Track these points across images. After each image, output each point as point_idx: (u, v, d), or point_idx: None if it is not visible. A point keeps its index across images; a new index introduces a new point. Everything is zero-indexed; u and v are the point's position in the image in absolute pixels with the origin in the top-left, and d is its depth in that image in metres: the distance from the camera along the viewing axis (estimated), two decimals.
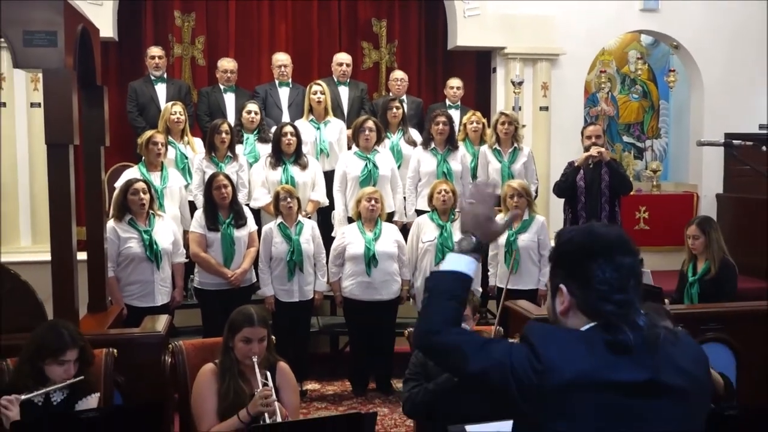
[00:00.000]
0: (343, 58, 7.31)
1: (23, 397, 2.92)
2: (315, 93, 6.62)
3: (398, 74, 7.38)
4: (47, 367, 3.03)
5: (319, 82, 6.81)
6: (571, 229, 1.93)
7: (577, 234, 1.87)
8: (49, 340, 3.05)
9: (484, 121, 6.89)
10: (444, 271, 1.98)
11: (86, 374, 3.12)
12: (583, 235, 1.85)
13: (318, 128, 6.66)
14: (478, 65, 8.63)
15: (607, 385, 1.68)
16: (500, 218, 5.62)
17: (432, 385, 3.38)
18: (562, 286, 1.84)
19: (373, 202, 5.47)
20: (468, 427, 2.89)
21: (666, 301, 5.04)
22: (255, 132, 6.61)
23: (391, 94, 7.33)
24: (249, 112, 6.57)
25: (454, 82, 7.41)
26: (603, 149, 6.21)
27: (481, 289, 5.63)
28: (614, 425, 1.69)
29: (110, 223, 5.04)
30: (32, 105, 7.19)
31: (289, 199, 5.40)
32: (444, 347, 1.87)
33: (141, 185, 5.12)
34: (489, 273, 5.79)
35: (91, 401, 3.13)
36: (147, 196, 5.11)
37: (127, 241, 5.02)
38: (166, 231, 5.23)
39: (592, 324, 1.77)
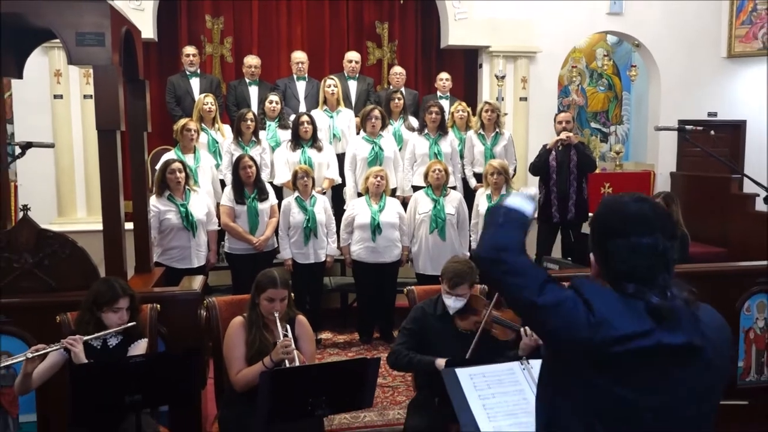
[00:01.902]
0: (353, 56, 7.26)
1: (86, 337, 2.95)
2: (329, 86, 6.60)
3: (397, 69, 7.34)
4: (104, 315, 3.06)
5: (333, 77, 6.78)
6: (605, 201, 1.70)
7: (603, 207, 1.66)
8: (104, 292, 3.07)
9: (469, 110, 6.85)
10: (516, 207, 1.71)
11: (136, 321, 3.14)
12: (606, 209, 1.65)
13: (331, 117, 6.63)
14: (467, 62, 8.58)
15: (649, 348, 1.53)
16: (482, 192, 5.69)
17: (416, 359, 3.33)
18: (591, 254, 1.68)
19: (379, 178, 5.47)
20: (458, 370, 2.89)
21: None
22: (276, 119, 6.59)
23: (391, 86, 7.29)
24: (271, 102, 6.54)
25: (443, 75, 7.37)
26: (571, 133, 6.19)
27: (469, 254, 5.63)
28: (651, 385, 1.54)
29: (152, 198, 5.03)
30: (85, 97, 7.17)
31: (305, 178, 5.41)
32: (513, 266, 1.60)
33: (177, 165, 5.11)
34: (471, 239, 5.79)
35: (141, 344, 3.16)
36: (183, 174, 5.10)
37: (166, 213, 5.02)
38: (200, 204, 5.23)
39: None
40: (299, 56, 7.15)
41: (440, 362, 3.21)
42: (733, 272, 4.39)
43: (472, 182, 6.53)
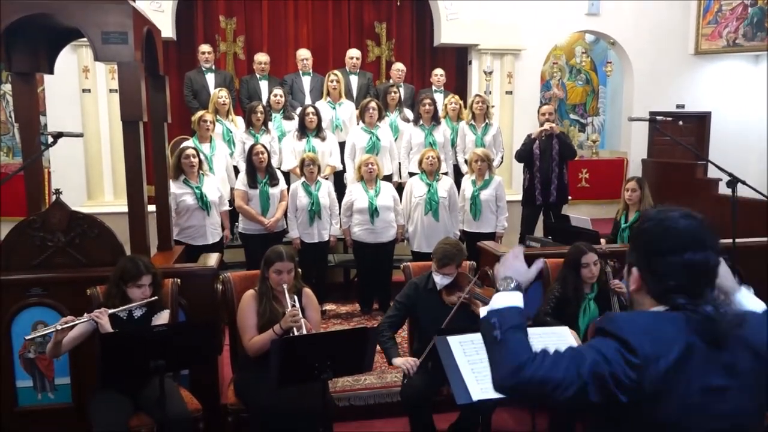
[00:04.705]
0: (353, 53, 7.20)
1: (111, 310, 2.97)
2: (332, 81, 6.56)
3: (399, 66, 7.28)
4: (128, 290, 3.07)
5: (335, 72, 6.73)
6: (652, 215, 1.50)
7: (654, 224, 1.47)
8: (129, 269, 3.08)
9: (461, 102, 6.81)
10: (503, 308, 1.55)
11: (159, 295, 3.15)
12: (658, 228, 1.45)
13: (334, 108, 6.59)
14: (458, 58, 8.53)
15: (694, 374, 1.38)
16: (467, 177, 5.66)
17: (386, 346, 3.39)
18: (633, 269, 1.50)
19: (370, 166, 5.43)
20: (449, 338, 2.90)
21: (603, 241, 5.04)
22: (281, 111, 6.55)
23: (392, 81, 7.24)
24: (275, 96, 6.51)
25: (438, 71, 7.31)
26: (554, 124, 6.16)
27: (459, 233, 5.63)
28: (700, 404, 1.38)
29: (169, 182, 5.01)
30: (111, 91, 7.14)
31: (311, 165, 5.38)
32: (533, 382, 1.41)
33: (191, 151, 5.09)
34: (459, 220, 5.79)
35: (164, 315, 3.18)
36: (196, 160, 5.08)
37: (182, 195, 5.00)
38: (213, 186, 5.22)
39: (663, 307, 1.45)
40: (304, 53, 7.10)
41: (395, 361, 3.34)
42: None
43: (464, 169, 6.50)
